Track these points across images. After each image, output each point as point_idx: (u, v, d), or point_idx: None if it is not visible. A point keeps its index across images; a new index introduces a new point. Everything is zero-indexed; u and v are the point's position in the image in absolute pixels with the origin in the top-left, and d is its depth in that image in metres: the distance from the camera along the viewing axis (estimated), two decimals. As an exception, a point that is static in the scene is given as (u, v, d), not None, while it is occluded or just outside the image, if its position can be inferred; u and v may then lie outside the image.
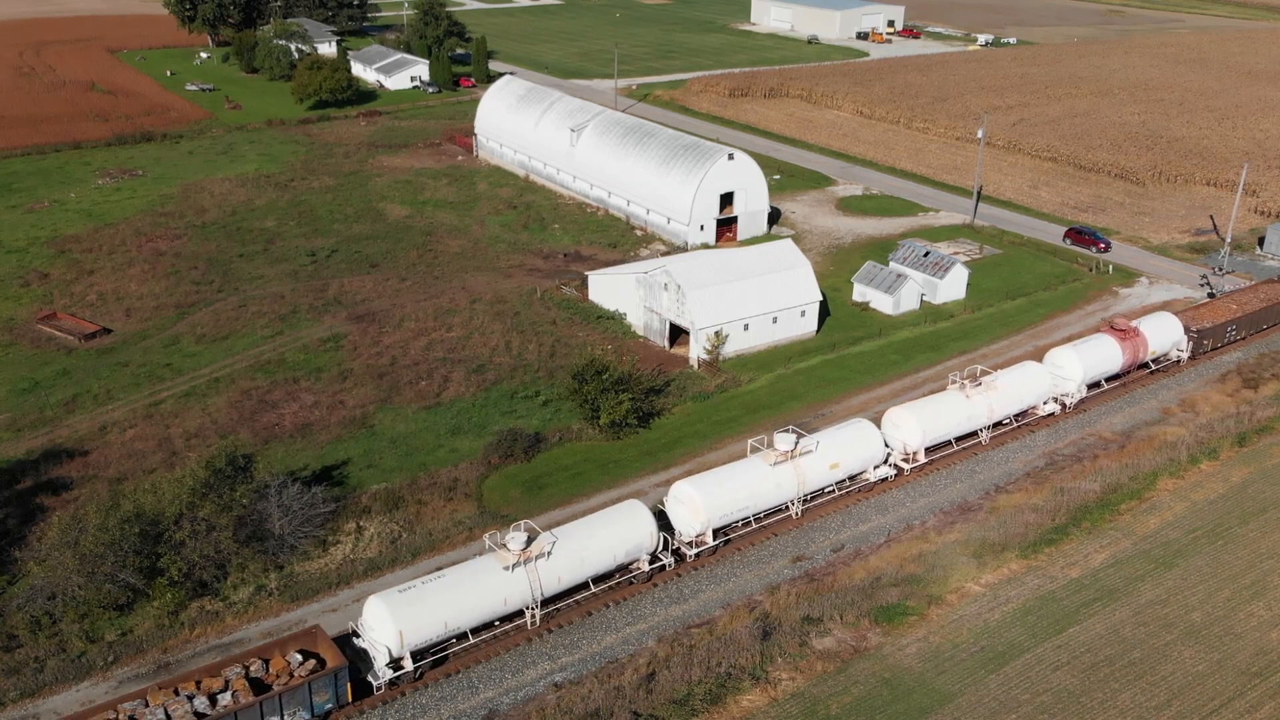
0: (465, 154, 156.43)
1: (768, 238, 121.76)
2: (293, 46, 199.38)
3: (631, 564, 62.42)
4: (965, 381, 77.70)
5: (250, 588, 61.31)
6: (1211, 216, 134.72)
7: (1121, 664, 57.05)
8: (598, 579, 61.28)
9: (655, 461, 76.44)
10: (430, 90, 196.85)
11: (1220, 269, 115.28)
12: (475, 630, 57.19)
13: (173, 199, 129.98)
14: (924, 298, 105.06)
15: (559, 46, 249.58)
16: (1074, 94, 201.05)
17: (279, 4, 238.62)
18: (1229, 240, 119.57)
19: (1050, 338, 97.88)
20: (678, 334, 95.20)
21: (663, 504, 66.96)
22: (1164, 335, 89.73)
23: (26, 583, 60.28)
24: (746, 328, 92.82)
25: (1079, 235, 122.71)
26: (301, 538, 64.46)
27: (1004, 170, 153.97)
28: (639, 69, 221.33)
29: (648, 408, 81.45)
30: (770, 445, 68.75)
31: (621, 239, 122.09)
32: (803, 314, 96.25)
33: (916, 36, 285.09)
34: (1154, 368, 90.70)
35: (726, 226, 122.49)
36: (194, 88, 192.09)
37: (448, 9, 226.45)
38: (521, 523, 60.14)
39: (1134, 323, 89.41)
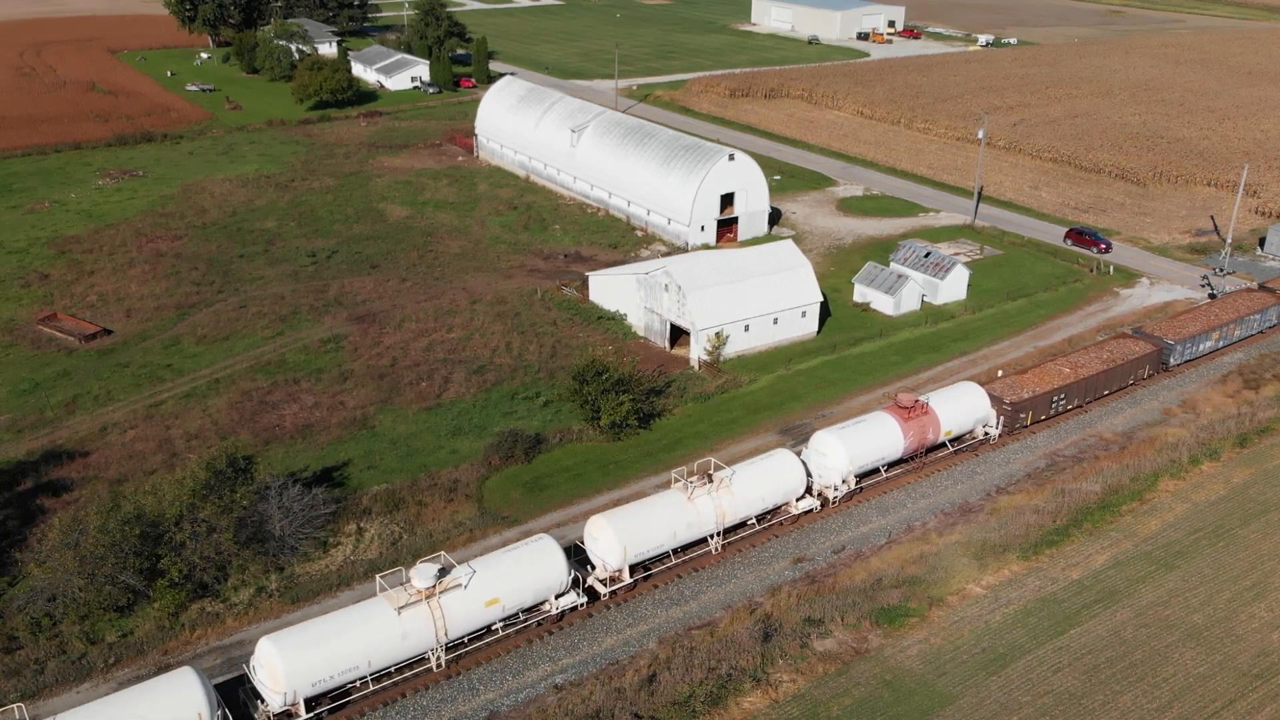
0: (466, 154, 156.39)
1: (768, 238, 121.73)
2: (293, 47, 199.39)
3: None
4: (692, 479, 65.00)
5: (251, 589, 61.29)
6: (1212, 217, 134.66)
7: (1123, 665, 57.00)
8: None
9: (656, 462, 76.38)
10: (431, 91, 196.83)
11: (1221, 269, 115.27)
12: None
13: (173, 199, 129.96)
14: (925, 298, 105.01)
15: (559, 47, 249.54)
16: (1074, 94, 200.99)
17: (279, 4, 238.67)
18: (1230, 241, 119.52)
19: (1051, 338, 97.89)
20: (678, 335, 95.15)
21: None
22: (963, 411, 76.27)
23: (27, 584, 60.26)
24: (747, 328, 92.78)
25: (1080, 236, 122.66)
26: (302, 539, 64.43)
27: (1004, 171, 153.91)
28: (639, 69, 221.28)
29: (648, 408, 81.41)
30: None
31: (622, 240, 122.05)
32: (803, 315, 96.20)
33: (917, 37, 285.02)
34: (953, 448, 77.31)
35: (727, 227, 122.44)
36: (194, 88, 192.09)
37: (448, 9, 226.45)
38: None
39: (925, 396, 76.07)
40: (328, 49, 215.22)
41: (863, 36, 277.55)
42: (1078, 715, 53.53)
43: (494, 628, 57.29)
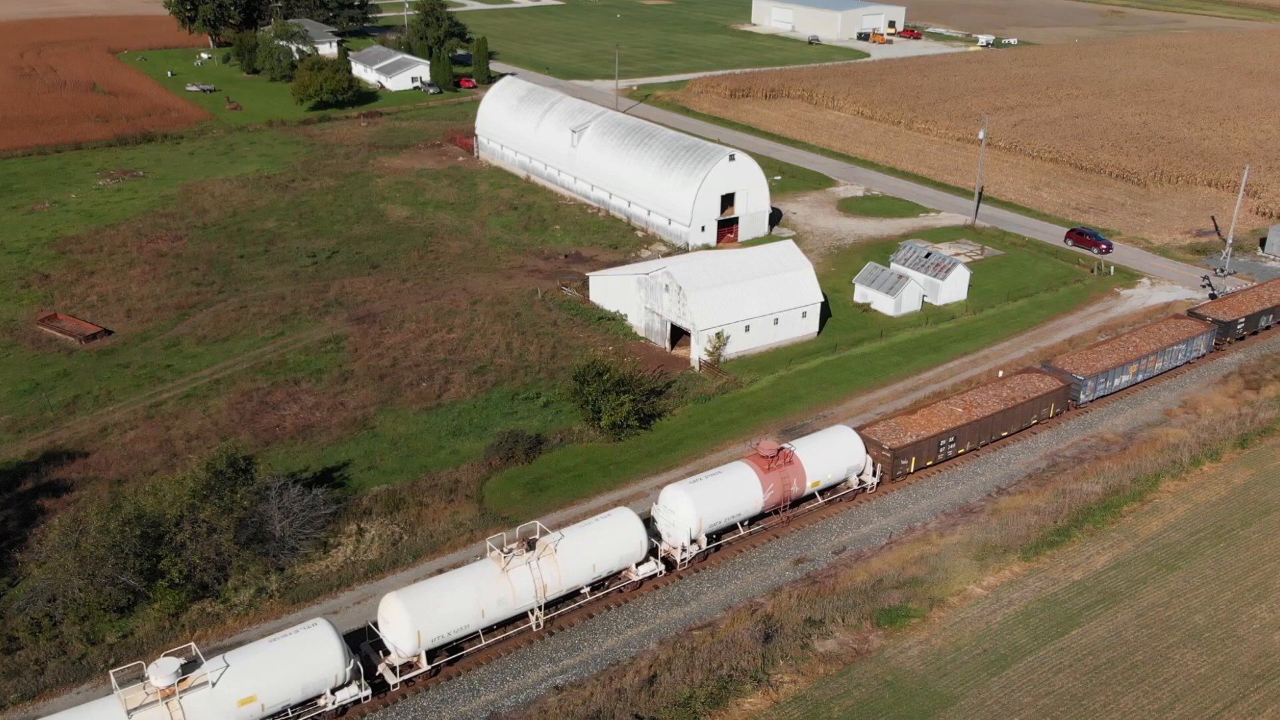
0: (466, 155, 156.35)
1: (769, 239, 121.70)
2: (293, 47, 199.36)
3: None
4: (513, 546, 57.56)
5: (251, 590, 61.23)
6: (1213, 217, 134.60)
7: (1124, 667, 56.94)
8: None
9: (657, 463, 76.34)
10: (431, 91, 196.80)
11: (1222, 270, 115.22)
12: None
13: (173, 200, 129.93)
14: (925, 299, 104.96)
15: (560, 47, 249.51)
16: (1075, 95, 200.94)
17: (280, 5, 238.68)
18: (1231, 241, 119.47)
19: (1052, 339, 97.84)
20: (679, 335, 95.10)
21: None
22: (833, 458, 69.40)
23: (27, 585, 60.21)
24: (748, 329, 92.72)
25: (1080, 236, 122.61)
26: (302, 540, 64.37)
27: (1005, 171, 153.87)
28: (640, 70, 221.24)
29: (649, 409, 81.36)
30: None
31: (622, 240, 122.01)
32: (804, 315, 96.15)
33: (917, 37, 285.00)
34: (823, 500, 70.72)
35: (728, 227, 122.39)
36: (195, 88, 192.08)
37: (449, 10, 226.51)
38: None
39: (792, 444, 69.23)
40: (328, 49, 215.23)
41: (863, 37, 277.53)
42: (1079, 716, 53.46)
43: None
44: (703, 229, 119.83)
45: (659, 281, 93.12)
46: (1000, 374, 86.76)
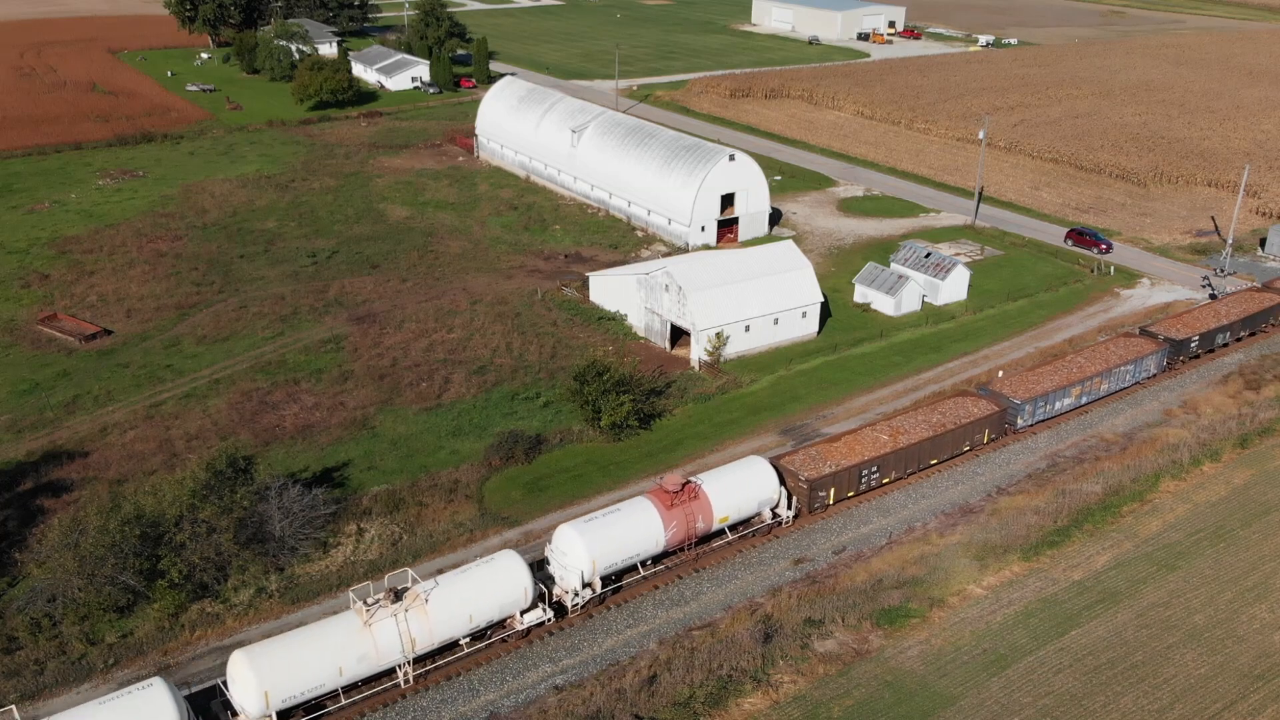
0: (466, 155, 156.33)
1: (769, 239, 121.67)
2: (293, 47, 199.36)
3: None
4: (379, 597, 53.68)
5: (251, 590, 61.21)
6: (1213, 217, 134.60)
7: (1124, 667, 56.93)
8: None
9: (657, 463, 76.31)
10: (431, 91, 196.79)
11: (1222, 270, 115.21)
12: None
13: (173, 200, 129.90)
14: (925, 299, 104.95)
15: (560, 47, 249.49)
16: (1075, 95, 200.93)
17: (280, 4, 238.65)
18: (1231, 241, 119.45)
19: (1052, 339, 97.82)
20: (679, 335, 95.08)
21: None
22: (744, 492, 65.56)
23: (27, 585, 60.20)
24: (748, 329, 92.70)
25: (1080, 236, 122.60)
26: (302, 540, 64.36)
27: (1005, 171, 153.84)
28: (640, 70, 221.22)
29: (649, 409, 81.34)
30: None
31: (622, 240, 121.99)
32: (804, 315, 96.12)
33: (917, 37, 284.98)
34: (733, 536, 66.58)
35: (728, 227, 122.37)
36: (195, 88, 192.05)
37: (449, 10, 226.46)
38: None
39: (700, 477, 65.25)
40: (328, 49, 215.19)
41: (863, 37, 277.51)
42: (1079, 716, 53.46)
43: None
44: (703, 229, 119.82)
45: (659, 281, 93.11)
46: (1000, 373, 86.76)
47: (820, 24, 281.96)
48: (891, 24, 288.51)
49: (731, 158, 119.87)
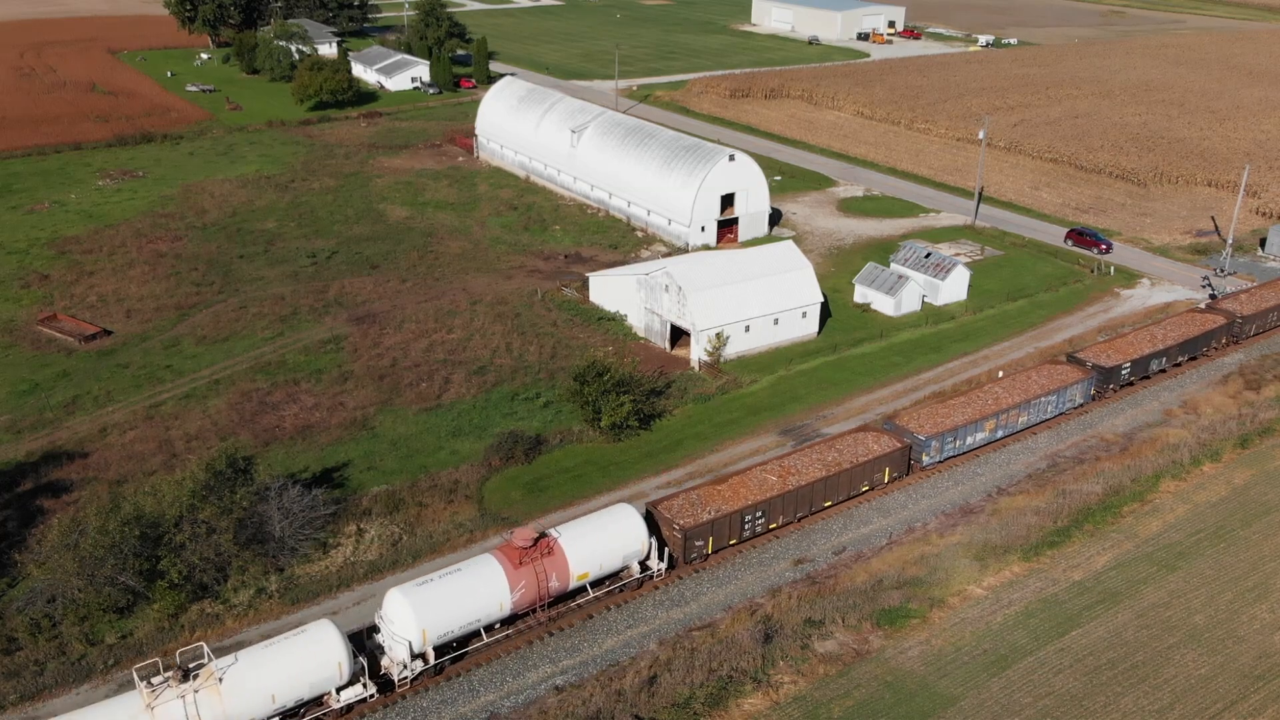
0: (466, 155, 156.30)
1: (769, 239, 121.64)
2: (293, 47, 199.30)
3: None
4: (167, 675, 48.43)
5: (250, 590, 61.18)
6: (1213, 218, 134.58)
7: (1124, 667, 56.91)
8: None
9: (657, 463, 76.30)
10: (431, 91, 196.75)
11: (1222, 270, 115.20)
12: None
13: (173, 200, 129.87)
14: (925, 299, 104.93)
15: (560, 47, 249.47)
16: (1075, 95, 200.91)
17: (279, 5, 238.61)
18: (1231, 241, 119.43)
19: (1052, 339, 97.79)
20: (679, 335, 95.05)
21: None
22: (606, 545, 59.88)
23: (26, 585, 60.20)
24: (748, 329, 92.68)
25: (1080, 236, 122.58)
26: (302, 540, 64.34)
27: (1005, 171, 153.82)
28: (640, 70, 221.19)
29: (649, 409, 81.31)
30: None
31: (622, 240, 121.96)
32: (804, 315, 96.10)
33: (917, 37, 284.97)
34: (596, 593, 60.93)
35: (727, 228, 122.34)
36: (194, 89, 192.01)
37: (448, 10, 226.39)
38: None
39: (558, 530, 59.46)
40: (328, 49, 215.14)
41: (863, 37, 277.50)
42: (1079, 717, 53.44)
43: None
44: (703, 229, 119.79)
45: (659, 282, 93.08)
46: (1001, 373, 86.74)
47: (820, 24, 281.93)
48: (891, 24, 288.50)
49: (731, 158, 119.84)
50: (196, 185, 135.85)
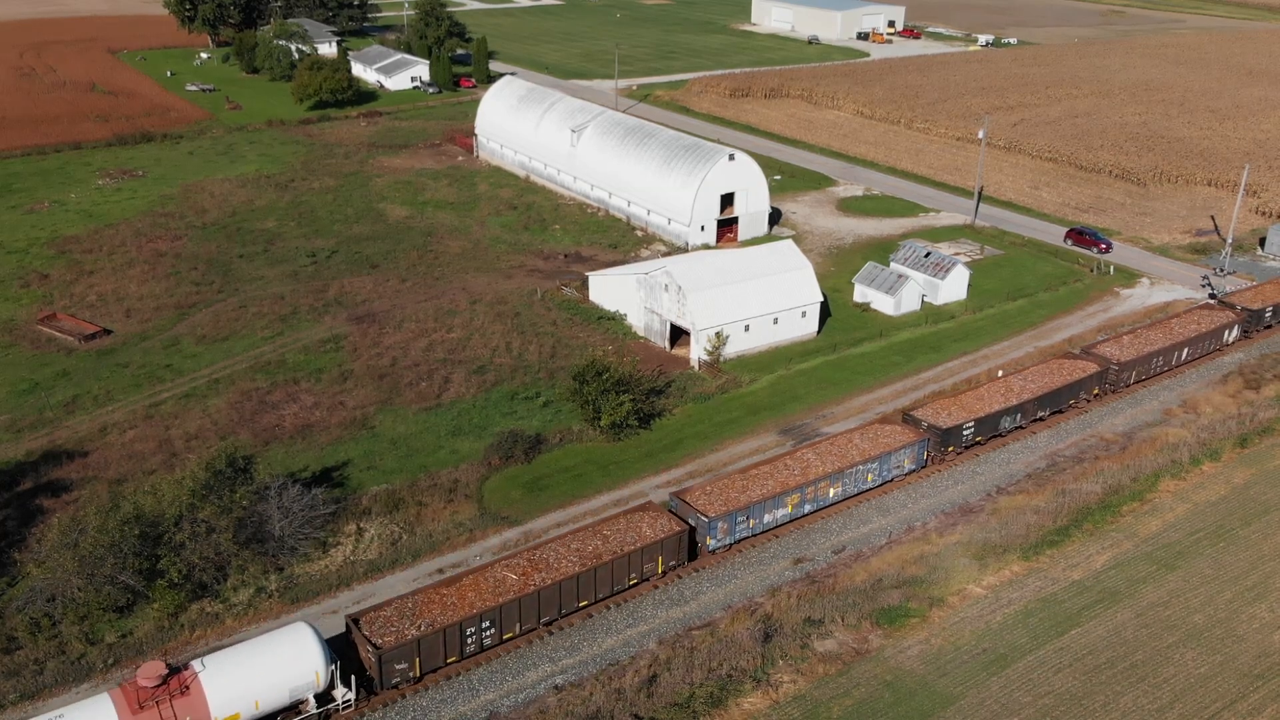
0: (466, 154, 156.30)
1: (769, 238, 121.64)
2: (293, 47, 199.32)
3: None
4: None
5: (250, 590, 61.18)
6: (1213, 217, 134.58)
7: (1123, 666, 56.92)
8: None
9: (657, 463, 76.32)
10: (431, 91, 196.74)
11: (1222, 270, 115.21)
12: None
13: (173, 200, 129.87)
14: (925, 298, 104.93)
15: (560, 47, 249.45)
16: (1075, 94, 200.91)
17: (279, 4, 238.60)
18: (1230, 241, 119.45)
19: (1051, 338, 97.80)
20: (678, 335, 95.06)
21: None
22: (265, 678, 49.43)
23: (26, 584, 60.17)
24: (747, 329, 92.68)
25: (1080, 236, 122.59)
26: (301, 539, 64.34)
27: (1005, 171, 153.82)
28: (640, 69, 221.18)
29: (649, 409, 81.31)
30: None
31: (622, 240, 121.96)
32: (804, 315, 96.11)
33: (917, 37, 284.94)
34: None
35: (727, 227, 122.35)
36: (194, 88, 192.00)
37: (448, 9, 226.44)
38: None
39: (201, 660, 49.30)
40: (328, 49, 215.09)
41: (863, 37, 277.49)
42: (1079, 716, 53.45)
43: None
44: (702, 228, 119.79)
45: (659, 281, 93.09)
46: (1000, 373, 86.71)
47: (820, 24, 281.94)
48: (891, 23, 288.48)
49: (731, 157, 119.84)
50: (196, 185, 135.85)
